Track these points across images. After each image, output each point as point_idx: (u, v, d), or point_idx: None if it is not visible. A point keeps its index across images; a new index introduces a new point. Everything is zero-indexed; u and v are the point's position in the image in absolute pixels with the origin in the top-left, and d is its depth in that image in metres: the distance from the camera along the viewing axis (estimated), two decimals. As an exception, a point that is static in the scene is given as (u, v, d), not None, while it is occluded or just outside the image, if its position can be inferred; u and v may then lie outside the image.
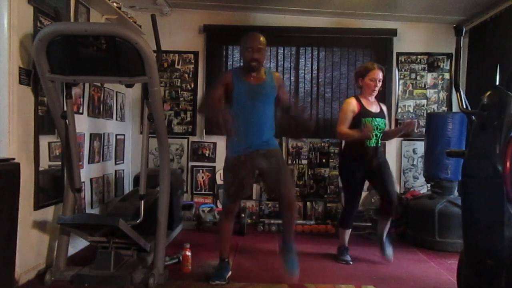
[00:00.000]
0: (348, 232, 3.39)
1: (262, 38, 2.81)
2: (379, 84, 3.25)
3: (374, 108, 3.29)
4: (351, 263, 3.28)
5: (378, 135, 3.25)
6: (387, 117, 3.36)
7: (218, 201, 4.65)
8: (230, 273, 2.89)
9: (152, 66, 2.44)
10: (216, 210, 4.39)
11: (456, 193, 3.95)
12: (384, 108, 3.39)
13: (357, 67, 3.91)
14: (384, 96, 4.70)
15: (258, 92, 2.80)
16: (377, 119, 3.23)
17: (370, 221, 4.35)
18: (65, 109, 2.72)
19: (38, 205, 2.81)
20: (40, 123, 2.83)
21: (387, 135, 3.37)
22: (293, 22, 4.72)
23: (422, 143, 4.43)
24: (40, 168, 2.83)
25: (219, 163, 4.79)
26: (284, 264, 2.80)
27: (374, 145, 3.23)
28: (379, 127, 3.23)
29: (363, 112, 3.21)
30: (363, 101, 3.26)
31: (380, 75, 3.23)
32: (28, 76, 2.68)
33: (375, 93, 3.28)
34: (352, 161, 3.27)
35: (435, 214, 3.74)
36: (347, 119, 3.21)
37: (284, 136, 4.76)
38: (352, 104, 3.23)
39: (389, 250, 3.32)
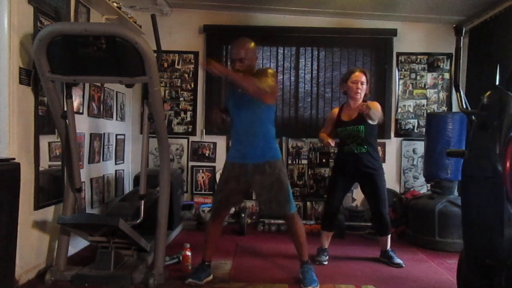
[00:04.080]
0: (328, 235, 3.44)
1: (246, 45, 2.71)
2: (362, 87, 3.25)
3: (352, 115, 3.27)
4: (324, 263, 3.29)
5: (355, 142, 3.23)
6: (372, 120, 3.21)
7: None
8: (210, 277, 2.82)
9: (152, 66, 2.44)
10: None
11: (456, 193, 3.95)
12: None
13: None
14: (384, 96, 4.72)
15: (241, 101, 2.73)
16: (349, 127, 3.25)
17: (370, 221, 4.35)
18: (65, 109, 2.73)
19: (38, 205, 2.81)
20: (40, 123, 2.83)
21: None
22: (293, 22, 4.71)
23: (422, 143, 4.43)
24: (40, 168, 2.83)
25: (219, 163, 4.79)
26: (302, 281, 2.77)
27: (354, 151, 3.23)
28: (353, 134, 3.23)
29: (337, 123, 3.34)
30: (344, 110, 3.36)
31: (361, 77, 3.25)
32: (28, 76, 2.69)
33: (359, 96, 3.27)
34: (337, 165, 3.47)
35: (435, 214, 3.74)
36: (326, 126, 3.48)
37: (284, 136, 4.77)
38: (332, 114, 3.47)
39: (397, 260, 3.29)
